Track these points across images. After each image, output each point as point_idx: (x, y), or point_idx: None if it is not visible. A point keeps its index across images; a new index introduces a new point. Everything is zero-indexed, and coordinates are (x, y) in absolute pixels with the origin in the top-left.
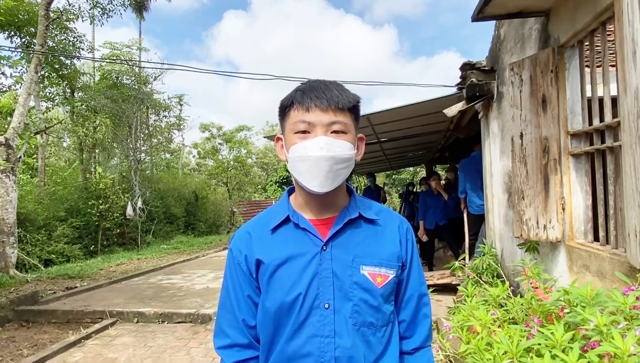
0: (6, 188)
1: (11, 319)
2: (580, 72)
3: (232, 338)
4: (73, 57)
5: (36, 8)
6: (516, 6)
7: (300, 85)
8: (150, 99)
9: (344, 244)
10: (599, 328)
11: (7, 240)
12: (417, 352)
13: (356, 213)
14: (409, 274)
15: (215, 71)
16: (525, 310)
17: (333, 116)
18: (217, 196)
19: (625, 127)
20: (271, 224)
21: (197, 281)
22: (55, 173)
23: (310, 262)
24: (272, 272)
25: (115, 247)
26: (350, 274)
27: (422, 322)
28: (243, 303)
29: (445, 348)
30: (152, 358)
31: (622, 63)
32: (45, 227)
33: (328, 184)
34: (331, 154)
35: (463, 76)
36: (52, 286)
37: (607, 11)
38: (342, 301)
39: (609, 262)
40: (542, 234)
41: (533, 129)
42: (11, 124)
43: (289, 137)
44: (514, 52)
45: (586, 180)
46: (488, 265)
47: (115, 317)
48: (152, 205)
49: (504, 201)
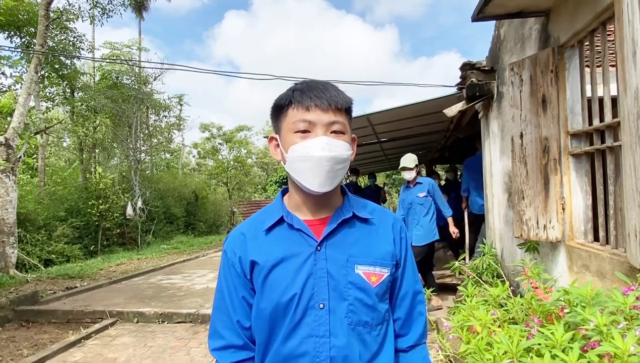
0: (6, 188)
1: (11, 319)
2: (580, 72)
3: (227, 340)
4: (73, 57)
5: (36, 8)
6: (516, 6)
7: (296, 85)
8: (150, 99)
9: (338, 244)
10: (599, 328)
11: (7, 240)
12: (413, 349)
13: (350, 212)
14: (404, 272)
15: (215, 71)
16: (525, 310)
17: (333, 116)
18: (217, 196)
19: (625, 127)
20: (265, 225)
21: (197, 281)
22: (55, 173)
23: (304, 262)
24: (267, 273)
25: (115, 247)
26: (345, 274)
27: (417, 320)
28: (238, 305)
29: (445, 348)
30: (152, 358)
31: (622, 63)
32: (45, 227)
33: (328, 184)
34: (332, 154)
35: (463, 76)
36: (52, 286)
37: (607, 11)
38: (337, 301)
39: (609, 262)
40: (542, 234)
41: (533, 128)
42: (11, 124)
43: (287, 137)
44: (514, 52)
45: (586, 180)
46: (488, 265)
47: (115, 317)
48: (152, 205)
49: (504, 201)
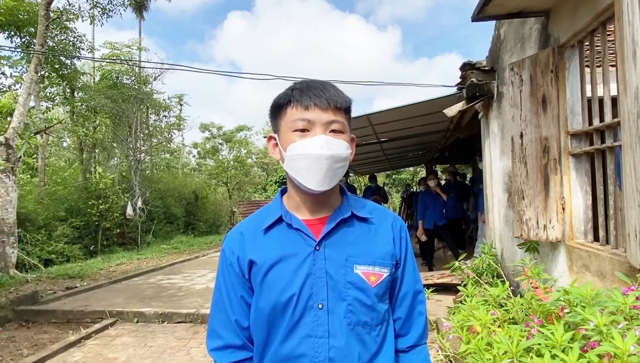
0: (6, 188)
1: (11, 319)
2: (580, 72)
3: (226, 340)
4: (73, 57)
5: (36, 8)
6: (516, 6)
7: (295, 84)
8: (150, 99)
9: (337, 244)
10: (599, 328)
11: (7, 240)
12: (413, 349)
13: (349, 212)
14: (404, 272)
15: (215, 71)
16: (525, 310)
17: (332, 115)
18: (217, 196)
19: (625, 127)
20: (264, 224)
21: (197, 281)
22: (55, 173)
23: (303, 262)
24: (265, 273)
25: (115, 247)
26: (344, 274)
27: (417, 320)
28: (236, 304)
29: (445, 348)
30: (152, 358)
31: (622, 63)
32: (45, 227)
33: (327, 183)
34: (331, 152)
35: (463, 76)
36: (52, 286)
37: (607, 11)
38: (336, 301)
39: (609, 262)
40: (542, 234)
41: (533, 128)
42: (11, 124)
43: (286, 135)
44: (514, 52)
45: (586, 180)
46: (488, 265)
47: (115, 317)
48: (152, 205)
49: (504, 201)
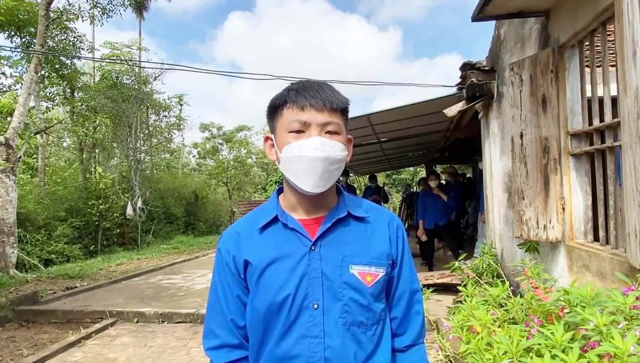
0: (6, 188)
1: (11, 319)
2: (580, 72)
3: (222, 339)
4: (73, 57)
5: (36, 8)
6: (516, 6)
7: (292, 84)
8: (150, 99)
9: (332, 243)
10: (599, 328)
11: (7, 240)
12: (410, 349)
13: (345, 212)
14: (400, 271)
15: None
16: (525, 310)
17: (328, 116)
18: (217, 196)
19: (625, 127)
20: (259, 224)
21: (197, 281)
22: (55, 173)
23: (299, 262)
24: (261, 273)
25: (115, 247)
26: (340, 274)
27: (414, 319)
28: (232, 304)
29: (445, 348)
30: (152, 358)
31: (622, 63)
32: (45, 227)
33: (322, 185)
34: (326, 154)
35: (463, 76)
36: (52, 286)
37: (607, 11)
38: (332, 301)
39: (609, 262)
40: (542, 234)
41: (533, 129)
42: (11, 124)
43: (282, 136)
44: (514, 52)
45: (586, 180)
46: (488, 265)
47: (115, 317)
48: (152, 205)
49: (504, 201)
